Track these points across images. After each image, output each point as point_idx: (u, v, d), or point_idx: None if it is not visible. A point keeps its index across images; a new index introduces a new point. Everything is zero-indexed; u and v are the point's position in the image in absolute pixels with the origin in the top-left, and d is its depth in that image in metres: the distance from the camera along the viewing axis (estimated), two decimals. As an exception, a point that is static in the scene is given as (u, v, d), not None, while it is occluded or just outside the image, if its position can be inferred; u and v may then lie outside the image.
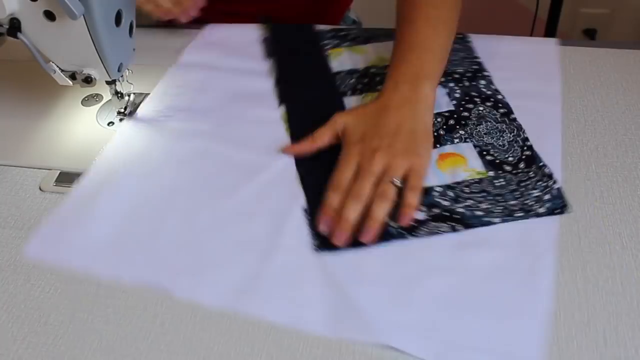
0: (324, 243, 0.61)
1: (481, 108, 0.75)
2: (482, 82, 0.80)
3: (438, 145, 0.71)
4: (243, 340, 0.55)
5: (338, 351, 0.54)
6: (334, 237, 0.61)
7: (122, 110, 0.78)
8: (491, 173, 0.67)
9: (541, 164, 0.68)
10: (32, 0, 0.62)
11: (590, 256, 0.60)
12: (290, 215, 0.64)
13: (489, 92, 0.78)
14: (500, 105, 0.76)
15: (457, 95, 0.78)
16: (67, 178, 0.71)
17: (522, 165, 0.68)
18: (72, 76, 0.71)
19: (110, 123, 0.79)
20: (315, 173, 0.68)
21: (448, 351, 0.52)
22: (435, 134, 0.71)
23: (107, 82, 0.74)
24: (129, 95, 0.79)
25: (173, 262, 0.61)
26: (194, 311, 0.58)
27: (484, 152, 0.70)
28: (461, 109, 0.76)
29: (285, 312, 0.56)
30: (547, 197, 0.64)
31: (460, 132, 0.72)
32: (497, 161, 0.68)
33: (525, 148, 0.70)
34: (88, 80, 0.71)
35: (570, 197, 0.65)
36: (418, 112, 0.69)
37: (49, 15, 0.63)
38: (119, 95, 0.77)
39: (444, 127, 0.73)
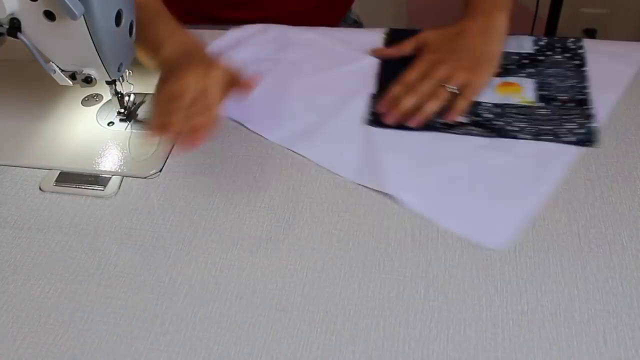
0: (375, 120, 0.75)
1: (558, 56, 0.82)
2: (572, 39, 0.86)
3: (505, 75, 0.80)
4: (243, 340, 0.55)
5: (338, 350, 0.54)
6: (385, 117, 0.75)
7: (122, 110, 0.78)
8: (539, 104, 0.75)
9: (589, 107, 0.74)
10: (32, 0, 0.62)
11: (590, 256, 0.60)
12: (359, 96, 0.79)
13: (572, 47, 0.84)
14: (577, 57, 0.82)
15: (542, 43, 0.85)
16: (67, 178, 0.72)
17: (571, 104, 0.75)
18: (72, 76, 0.71)
19: (110, 123, 0.79)
20: (390, 75, 0.81)
21: (439, 211, 0.65)
22: (507, 67, 0.81)
23: (107, 82, 0.74)
24: (129, 96, 0.79)
25: (260, 108, 0.79)
26: (194, 311, 0.58)
27: (542, 88, 0.77)
28: (540, 54, 0.83)
29: (324, 156, 0.72)
30: (580, 130, 0.71)
31: (530, 70, 0.80)
32: (550, 97, 0.76)
33: (581, 93, 0.76)
34: (88, 80, 0.71)
35: (571, 197, 0.65)
36: (490, 39, 0.79)
37: (49, 15, 0.63)
38: (119, 95, 0.77)
39: (517, 63, 0.82)
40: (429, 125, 0.74)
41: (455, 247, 0.61)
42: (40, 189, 0.71)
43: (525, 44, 0.85)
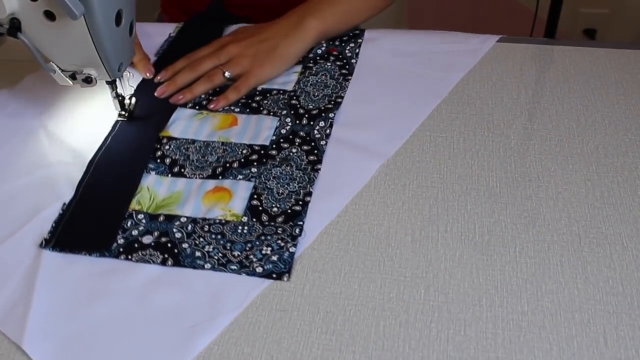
0: (50, 241, 0.62)
1: (294, 150, 0.69)
2: (322, 123, 0.73)
3: (220, 177, 0.67)
4: (243, 340, 0.55)
5: (338, 350, 0.54)
6: (157, 91, 0.76)
7: (123, 112, 0.78)
8: (244, 219, 0.63)
9: (300, 222, 0.62)
10: (32, 0, 0.62)
11: (590, 256, 0.60)
12: (44, 211, 0.65)
13: (317, 136, 0.71)
14: (315, 151, 0.69)
15: (283, 132, 0.72)
16: (67, 178, 0.71)
17: (280, 219, 0.63)
18: (72, 76, 0.71)
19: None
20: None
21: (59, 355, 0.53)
22: (229, 164, 0.68)
23: (107, 82, 0.74)
24: (130, 98, 0.79)
25: None
26: (194, 311, 0.58)
27: (255, 196, 0.65)
28: (274, 146, 0.70)
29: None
30: (274, 257, 0.60)
31: (252, 169, 0.68)
32: (260, 208, 0.64)
33: (300, 202, 0.64)
34: (88, 80, 0.71)
35: (571, 197, 0.65)
36: (291, 37, 0.78)
37: (49, 15, 0.63)
38: (119, 97, 0.77)
39: (242, 159, 0.69)
40: (108, 252, 0.61)
41: (455, 247, 0.61)
42: (40, 189, 0.71)
43: (261, 133, 0.71)
